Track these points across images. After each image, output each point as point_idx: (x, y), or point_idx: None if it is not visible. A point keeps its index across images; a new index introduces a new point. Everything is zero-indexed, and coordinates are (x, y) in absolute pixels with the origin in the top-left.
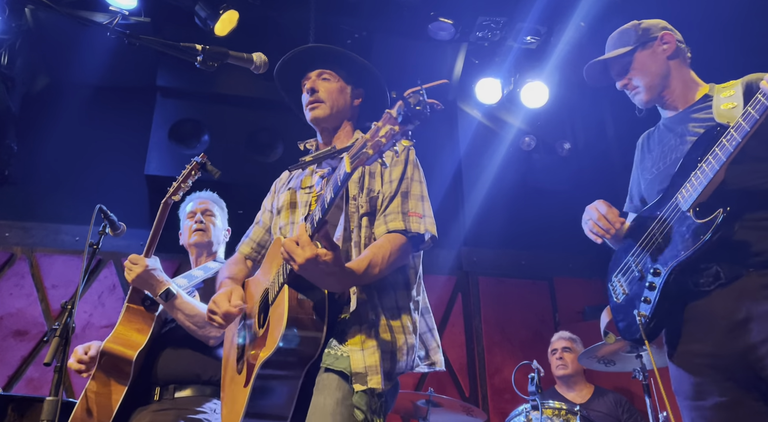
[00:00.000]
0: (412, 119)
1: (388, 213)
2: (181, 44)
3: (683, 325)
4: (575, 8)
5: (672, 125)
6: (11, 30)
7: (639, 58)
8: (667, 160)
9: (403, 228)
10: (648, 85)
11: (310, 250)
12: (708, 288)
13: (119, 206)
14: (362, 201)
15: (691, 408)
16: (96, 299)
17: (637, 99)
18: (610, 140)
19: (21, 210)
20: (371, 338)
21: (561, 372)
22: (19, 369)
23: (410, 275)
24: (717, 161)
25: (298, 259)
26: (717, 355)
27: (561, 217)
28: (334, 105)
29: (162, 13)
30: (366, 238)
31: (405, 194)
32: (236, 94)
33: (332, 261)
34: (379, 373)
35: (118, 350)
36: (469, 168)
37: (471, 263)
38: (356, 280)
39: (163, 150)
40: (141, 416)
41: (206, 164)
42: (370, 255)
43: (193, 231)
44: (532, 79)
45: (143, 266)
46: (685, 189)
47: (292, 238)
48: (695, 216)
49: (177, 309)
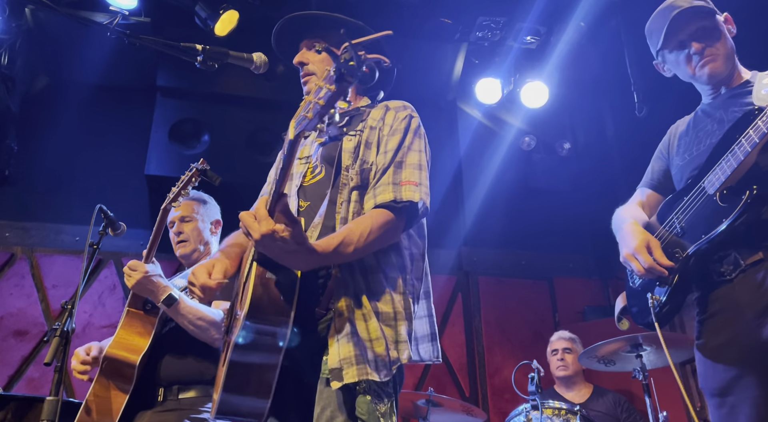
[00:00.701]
0: (347, 76)
1: (378, 185)
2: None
3: (710, 318)
4: (575, 8)
5: (711, 110)
6: (11, 30)
7: (718, 25)
8: (702, 145)
9: (392, 199)
10: (727, 54)
11: (266, 225)
12: (730, 276)
13: (119, 206)
14: (353, 173)
15: (719, 405)
16: (96, 299)
17: (708, 68)
18: (610, 140)
19: (21, 210)
20: (350, 326)
21: (562, 373)
22: (20, 369)
23: (405, 257)
24: (750, 143)
25: (254, 234)
26: (742, 346)
27: (561, 217)
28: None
29: (162, 13)
30: (354, 214)
31: (399, 164)
32: (236, 94)
33: (291, 238)
34: (354, 364)
35: (121, 355)
36: (469, 168)
37: (471, 263)
38: (324, 259)
39: (163, 150)
40: (144, 418)
41: (206, 171)
42: (344, 233)
43: (176, 244)
44: (532, 79)
45: (142, 272)
46: (713, 173)
47: (250, 211)
48: (721, 200)
49: (180, 314)
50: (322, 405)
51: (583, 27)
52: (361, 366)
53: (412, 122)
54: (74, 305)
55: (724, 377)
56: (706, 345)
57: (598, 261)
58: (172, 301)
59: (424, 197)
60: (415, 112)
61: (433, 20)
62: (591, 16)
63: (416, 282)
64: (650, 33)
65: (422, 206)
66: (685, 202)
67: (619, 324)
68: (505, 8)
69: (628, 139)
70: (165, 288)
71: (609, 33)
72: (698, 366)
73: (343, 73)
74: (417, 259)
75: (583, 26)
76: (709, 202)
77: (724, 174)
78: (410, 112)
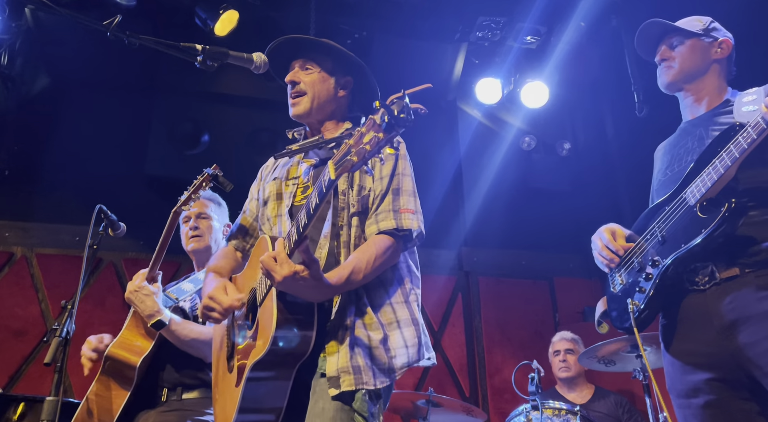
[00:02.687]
0: (396, 126)
1: (379, 212)
2: (181, 44)
3: (678, 324)
4: (575, 8)
5: (691, 128)
6: (11, 30)
7: (693, 43)
8: (683, 162)
9: (395, 227)
10: (682, 68)
11: (288, 267)
12: (703, 287)
13: (119, 206)
14: (353, 199)
15: (683, 406)
16: (96, 299)
17: (664, 75)
18: (610, 140)
19: (21, 210)
20: (353, 337)
21: (564, 374)
22: (19, 368)
23: (402, 271)
24: (730, 158)
25: (277, 276)
26: (709, 354)
27: (561, 217)
28: (316, 96)
29: (162, 13)
30: (356, 238)
31: (396, 191)
32: (236, 94)
33: (311, 277)
34: (352, 374)
35: (123, 355)
36: (469, 168)
37: (471, 263)
38: (339, 290)
39: (163, 150)
40: (146, 417)
41: (218, 176)
42: (352, 263)
43: (189, 238)
44: (532, 79)
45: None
46: (694, 184)
47: (270, 254)
48: (701, 211)
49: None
50: (315, 398)
51: (583, 27)
52: (358, 376)
53: (401, 147)
54: (74, 305)
55: (689, 380)
56: (674, 349)
57: None
58: (160, 326)
59: (420, 225)
60: (400, 137)
61: (433, 20)
62: (591, 16)
63: (415, 289)
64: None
65: (418, 232)
66: (666, 212)
67: (599, 328)
68: (505, 8)
69: (628, 139)
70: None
71: (609, 33)
72: (665, 367)
73: (393, 124)
74: (413, 269)
75: (583, 26)
76: (690, 213)
77: (705, 186)
78: (398, 138)
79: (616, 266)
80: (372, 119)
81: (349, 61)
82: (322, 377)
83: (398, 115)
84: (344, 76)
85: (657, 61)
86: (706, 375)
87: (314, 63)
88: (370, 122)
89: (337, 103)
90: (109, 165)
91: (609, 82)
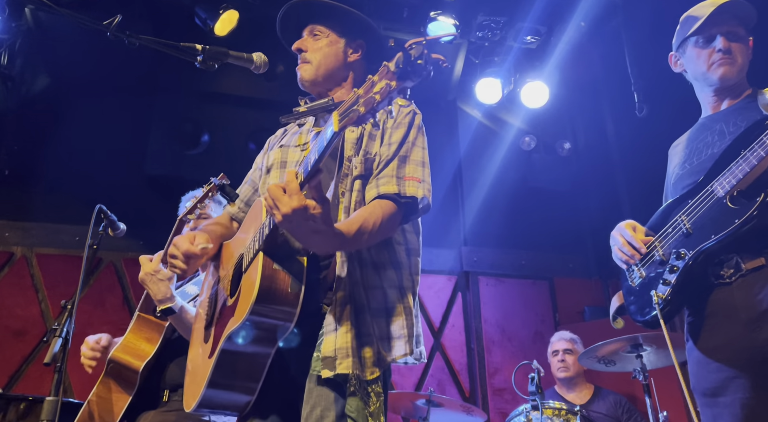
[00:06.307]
0: (412, 74)
1: (381, 176)
2: (181, 44)
3: (704, 320)
4: (575, 8)
5: (711, 123)
6: (11, 30)
7: (748, 37)
8: (702, 155)
9: (396, 192)
10: (743, 65)
11: (298, 200)
12: (729, 280)
13: (119, 206)
14: (357, 162)
15: (710, 404)
16: (96, 299)
17: (723, 70)
18: (610, 140)
19: (21, 210)
20: (348, 319)
21: (563, 375)
22: (19, 368)
23: (399, 253)
24: (764, 149)
25: (283, 208)
26: (737, 349)
27: (561, 217)
28: (322, 63)
29: (162, 13)
30: (357, 203)
31: (403, 158)
32: (236, 94)
33: (321, 217)
34: (350, 356)
35: (126, 359)
36: (469, 168)
37: (471, 262)
38: (343, 244)
39: (163, 150)
40: (147, 417)
41: (225, 186)
42: (361, 219)
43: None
44: (532, 79)
45: (146, 270)
46: (723, 176)
47: (278, 184)
48: (731, 202)
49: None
50: (311, 404)
51: (583, 27)
52: (356, 360)
53: (416, 118)
54: (74, 305)
55: (716, 377)
56: (700, 346)
57: (598, 261)
58: (169, 313)
59: (426, 193)
60: (417, 109)
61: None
62: (591, 16)
63: (414, 278)
64: (687, 18)
65: (425, 202)
66: (691, 204)
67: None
68: (505, 8)
69: (628, 139)
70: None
71: (609, 33)
72: (690, 366)
73: (409, 71)
74: (413, 254)
75: (583, 26)
76: (718, 204)
77: (735, 178)
78: (414, 108)
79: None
80: (386, 65)
81: (359, 22)
82: (318, 379)
83: (415, 61)
84: (355, 39)
85: (714, 49)
86: (734, 372)
87: (323, 26)
88: (383, 69)
89: (348, 69)
90: (109, 165)
91: (609, 82)
